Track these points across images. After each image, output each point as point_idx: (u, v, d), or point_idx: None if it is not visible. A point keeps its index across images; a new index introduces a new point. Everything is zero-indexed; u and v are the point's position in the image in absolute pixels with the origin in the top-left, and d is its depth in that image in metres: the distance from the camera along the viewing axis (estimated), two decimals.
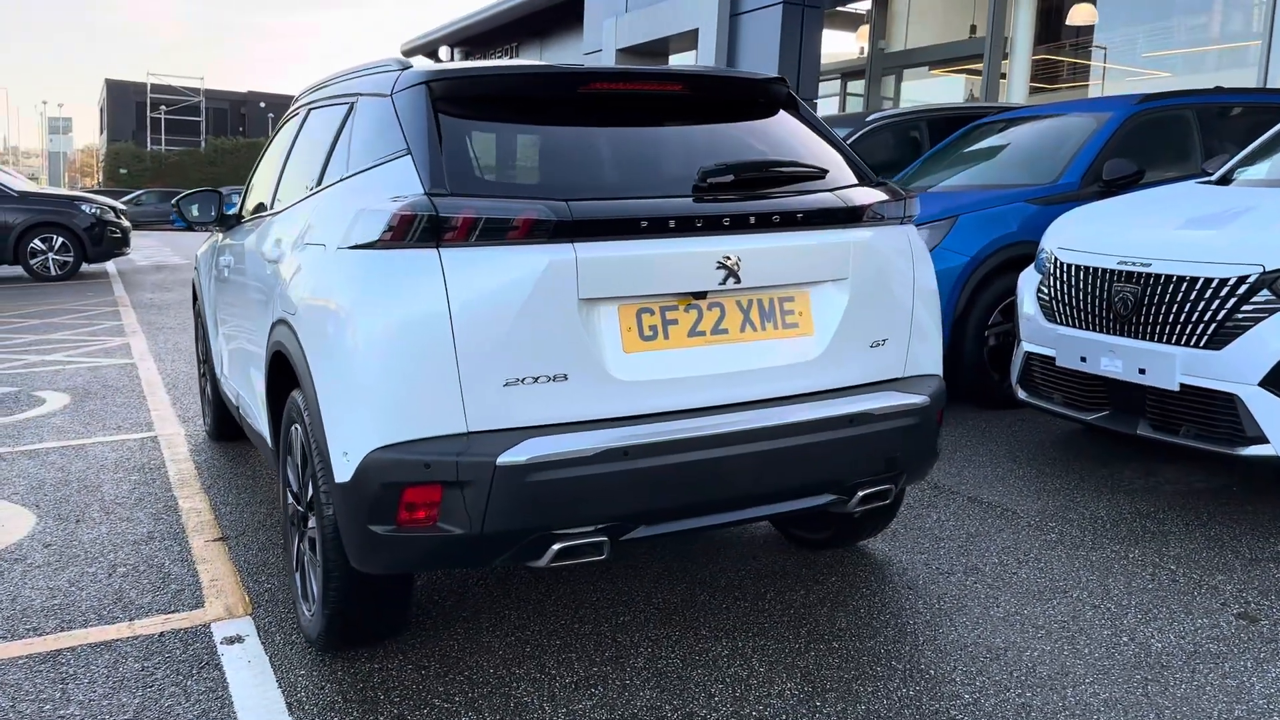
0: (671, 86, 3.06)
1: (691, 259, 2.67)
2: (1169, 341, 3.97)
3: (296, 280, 2.99)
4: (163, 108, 60.84)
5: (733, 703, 2.72)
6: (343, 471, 2.57)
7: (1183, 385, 3.91)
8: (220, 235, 4.86)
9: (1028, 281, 4.85)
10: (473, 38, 23.80)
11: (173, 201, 4.90)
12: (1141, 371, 4.05)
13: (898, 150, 8.67)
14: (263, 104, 64.68)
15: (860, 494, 2.92)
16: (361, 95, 3.24)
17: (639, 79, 3.01)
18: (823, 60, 15.03)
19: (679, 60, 14.86)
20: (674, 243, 2.66)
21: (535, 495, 2.47)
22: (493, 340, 2.49)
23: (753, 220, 2.76)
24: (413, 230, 2.50)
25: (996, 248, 5.73)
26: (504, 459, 2.44)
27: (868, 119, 8.63)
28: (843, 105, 15.42)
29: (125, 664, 2.97)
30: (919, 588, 3.45)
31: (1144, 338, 4.06)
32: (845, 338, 2.91)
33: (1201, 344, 3.87)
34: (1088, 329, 4.33)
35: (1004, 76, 12.25)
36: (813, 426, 2.78)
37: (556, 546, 2.55)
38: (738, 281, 2.72)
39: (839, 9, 14.43)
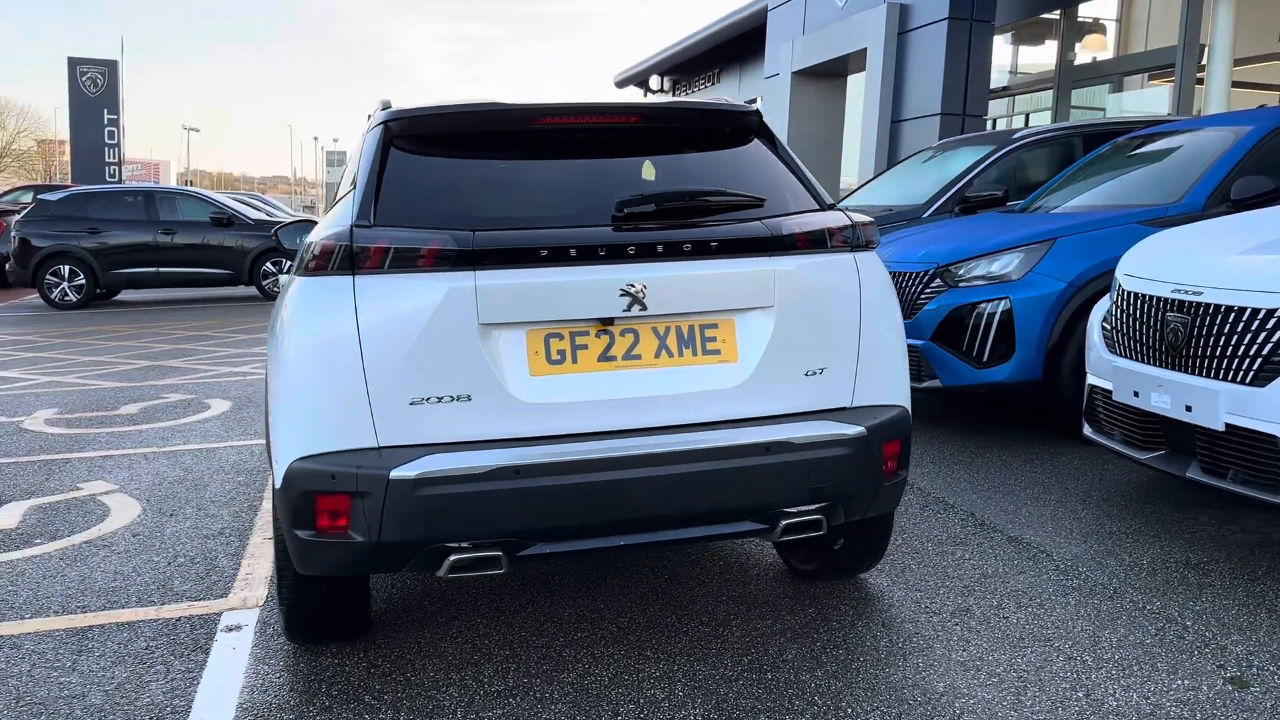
0: (627, 119, 3.15)
1: (594, 287, 2.75)
2: (1216, 377, 3.64)
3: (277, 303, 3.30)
4: None
5: (644, 709, 2.76)
6: (278, 479, 2.83)
7: (1228, 425, 3.57)
8: None
9: (1098, 310, 4.55)
10: (678, 66, 24.33)
11: (272, 231, 5.43)
12: (1188, 409, 3.73)
13: (1049, 168, 8.25)
14: None
15: (783, 523, 2.89)
16: (364, 134, 3.52)
17: (589, 113, 3.12)
18: (1015, 73, 14.41)
19: (855, 81, 14.64)
20: (576, 271, 2.75)
21: (426, 508, 2.63)
22: (398, 361, 2.68)
23: (661, 249, 2.81)
24: (333, 259, 2.73)
25: (1098, 274, 5.37)
26: (396, 473, 2.61)
27: (1014, 136, 8.26)
28: (1027, 119, 14.70)
29: (135, 642, 3.34)
30: (894, 626, 3.35)
31: (1192, 372, 3.74)
32: (773, 366, 2.90)
33: (1247, 380, 3.53)
34: (1142, 361, 4.03)
35: (1200, 84, 11.32)
36: (722, 453, 2.79)
37: (451, 558, 2.70)
38: (644, 309, 2.77)
39: (1024, 21, 13.78)
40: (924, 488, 4.89)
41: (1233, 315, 3.60)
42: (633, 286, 2.76)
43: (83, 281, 15.65)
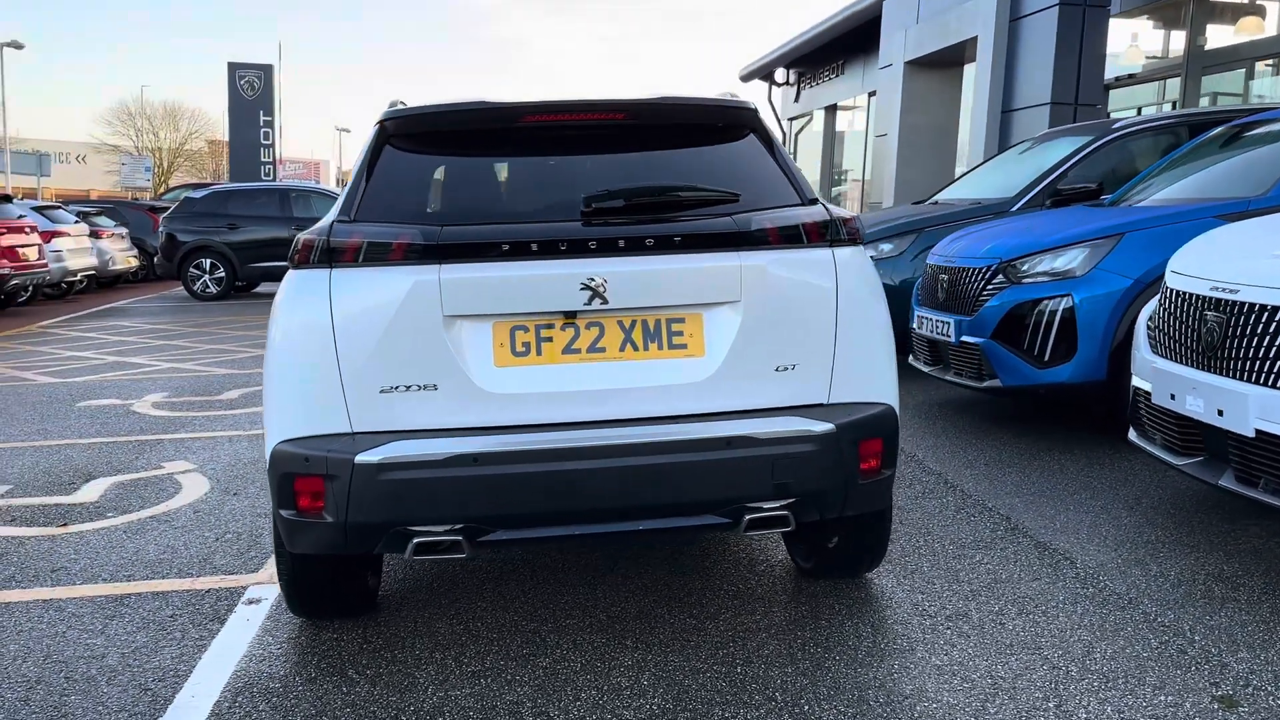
0: (615, 116, 3.19)
1: (555, 281, 2.81)
2: (1247, 379, 3.44)
3: None
4: None
5: (592, 708, 2.82)
6: (266, 461, 2.99)
7: (1257, 431, 3.37)
8: None
9: (1147, 309, 4.34)
10: (802, 59, 24.05)
11: None
12: (1220, 413, 3.53)
13: (1152, 159, 7.84)
14: None
15: (747, 518, 2.89)
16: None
17: (576, 110, 3.17)
18: (1140, 60, 13.72)
19: (971, 70, 14.18)
20: (537, 265, 2.82)
21: (388, 492, 2.75)
22: (369, 350, 2.80)
23: (622, 244, 2.84)
24: (314, 253, 2.88)
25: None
26: (361, 458, 2.74)
27: (1114, 126, 7.90)
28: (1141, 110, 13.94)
29: (163, 611, 3.59)
30: (883, 627, 3.30)
31: (1225, 374, 3.54)
32: (740, 361, 2.90)
33: (1277, 383, 3.32)
34: (1180, 362, 3.83)
35: None
36: (681, 446, 2.81)
37: (415, 541, 2.81)
38: (605, 303, 2.82)
39: (1149, 5, 13.06)
40: (967, 490, 4.76)
41: (1265, 315, 3.39)
42: (593, 281, 2.81)
43: (222, 274, 16.61)
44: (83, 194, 52.96)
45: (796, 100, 26.41)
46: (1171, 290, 3.96)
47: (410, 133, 3.17)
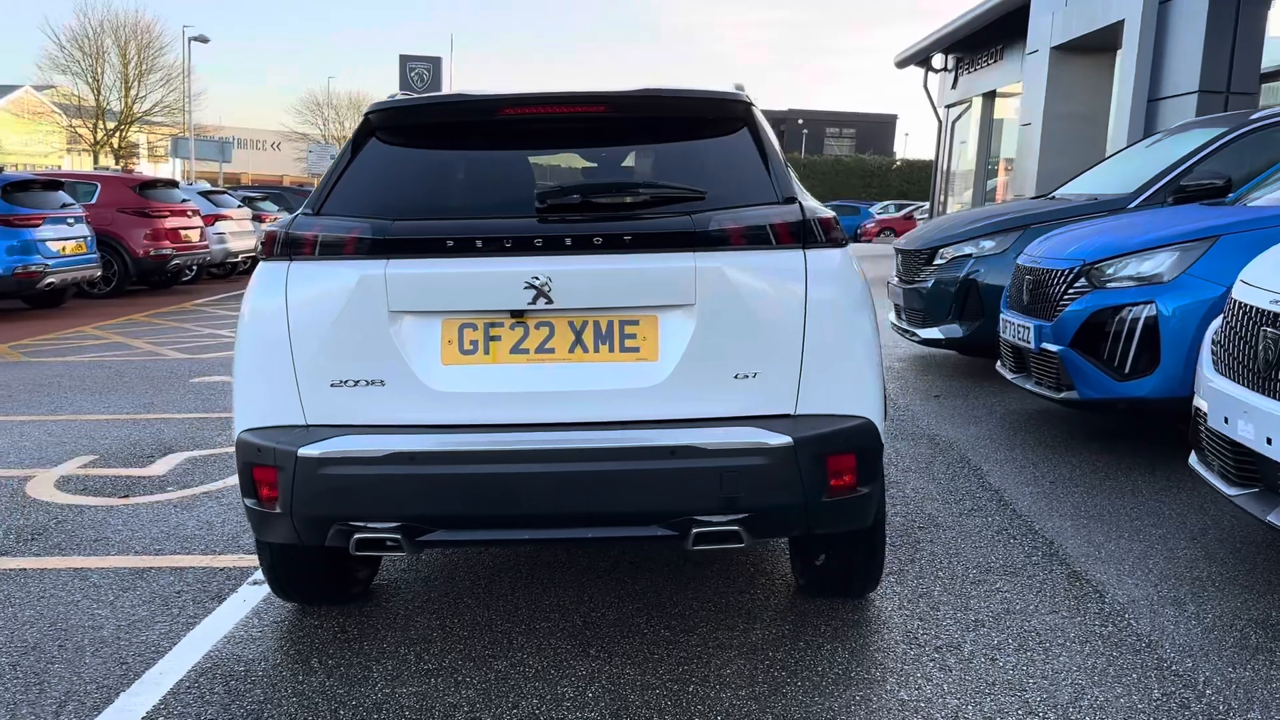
0: (594, 109, 3.09)
1: (499, 279, 2.75)
2: None
3: None
4: None
5: (526, 717, 2.76)
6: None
7: None
8: None
9: (1216, 322, 3.93)
10: (960, 43, 23.06)
11: None
12: (1269, 441, 3.16)
13: None
14: (800, 121, 67.81)
15: (695, 532, 2.76)
16: None
17: (555, 103, 3.08)
18: None
19: (1120, 57, 13.24)
20: (482, 262, 2.76)
21: (328, 487, 2.75)
22: (319, 344, 2.81)
23: (569, 242, 2.75)
24: (276, 246, 2.90)
25: None
26: (302, 451, 2.75)
27: (1252, 117, 7.22)
28: None
29: (173, 586, 3.72)
30: (864, 654, 3.10)
31: (1277, 397, 3.16)
32: (694, 367, 2.77)
33: None
34: (1237, 382, 3.45)
35: None
36: (623, 454, 2.71)
37: (356, 537, 2.80)
38: (549, 302, 2.74)
39: None
40: (1020, 509, 4.45)
41: None
42: (537, 279, 2.73)
43: None
44: (276, 179, 56.38)
45: (954, 87, 25.37)
46: (1235, 302, 3.57)
47: (392, 125, 3.16)
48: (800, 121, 67.98)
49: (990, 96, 23.70)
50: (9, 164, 55.80)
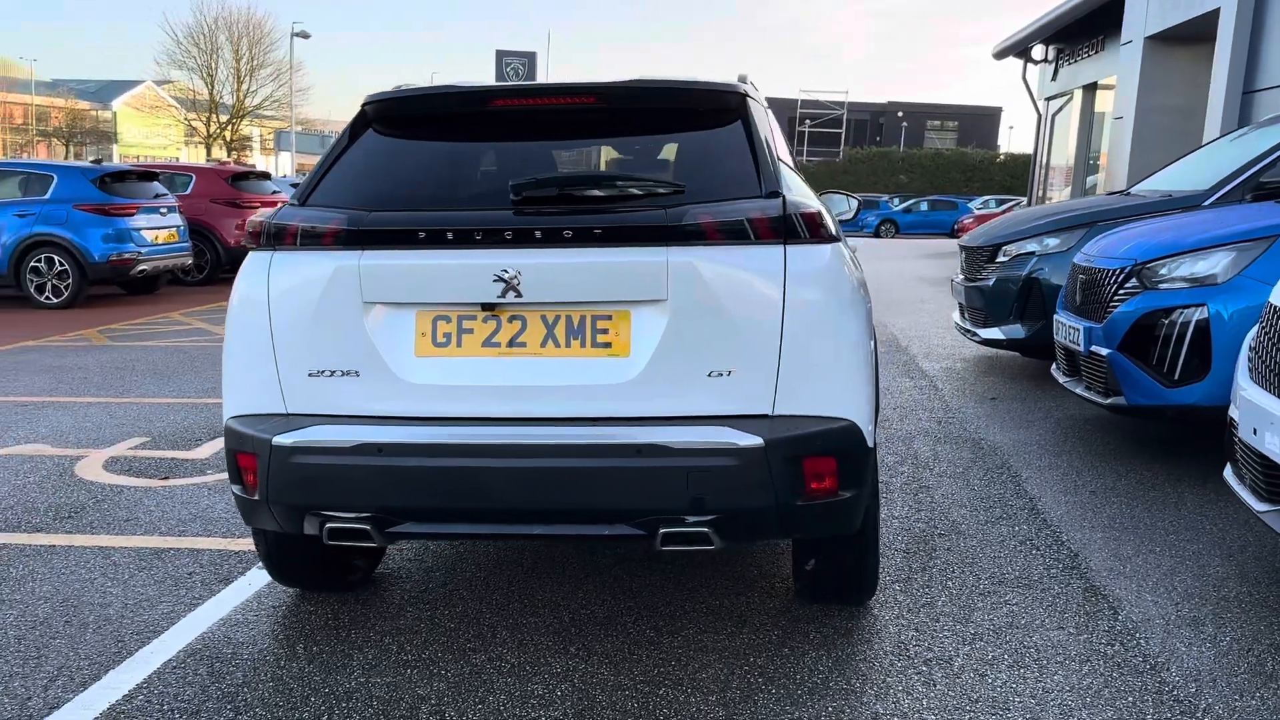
0: (582, 100, 3.05)
1: (469, 271, 2.73)
2: None
3: None
4: (808, 122, 65.73)
5: (490, 713, 2.74)
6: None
7: None
8: None
9: (1255, 330, 3.69)
10: (1060, 33, 22.29)
11: None
12: None
13: None
14: (900, 114, 66.53)
15: (662, 531, 2.70)
16: None
17: (544, 94, 3.05)
18: None
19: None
20: (453, 254, 2.74)
21: (300, 475, 2.78)
22: (298, 334, 2.84)
23: (539, 235, 2.71)
24: (263, 236, 2.94)
25: None
26: (276, 439, 2.78)
27: None
28: None
29: (187, 567, 3.82)
30: (848, 664, 3.00)
31: None
32: (667, 364, 2.71)
33: None
34: (1269, 391, 3.23)
35: None
36: (589, 451, 2.66)
37: (328, 526, 2.82)
38: (519, 296, 2.71)
39: None
40: (1051, 518, 4.26)
41: None
42: (506, 273, 2.70)
43: None
44: None
45: (1054, 79, 24.55)
46: (1272, 308, 3.35)
47: (385, 117, 3.16)
48: (900, 114, 66.68)
49: (1091, 89, 22.88)
50: (129, 156, 58.34)
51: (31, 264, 12.10)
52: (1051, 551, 3.87)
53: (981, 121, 66.94)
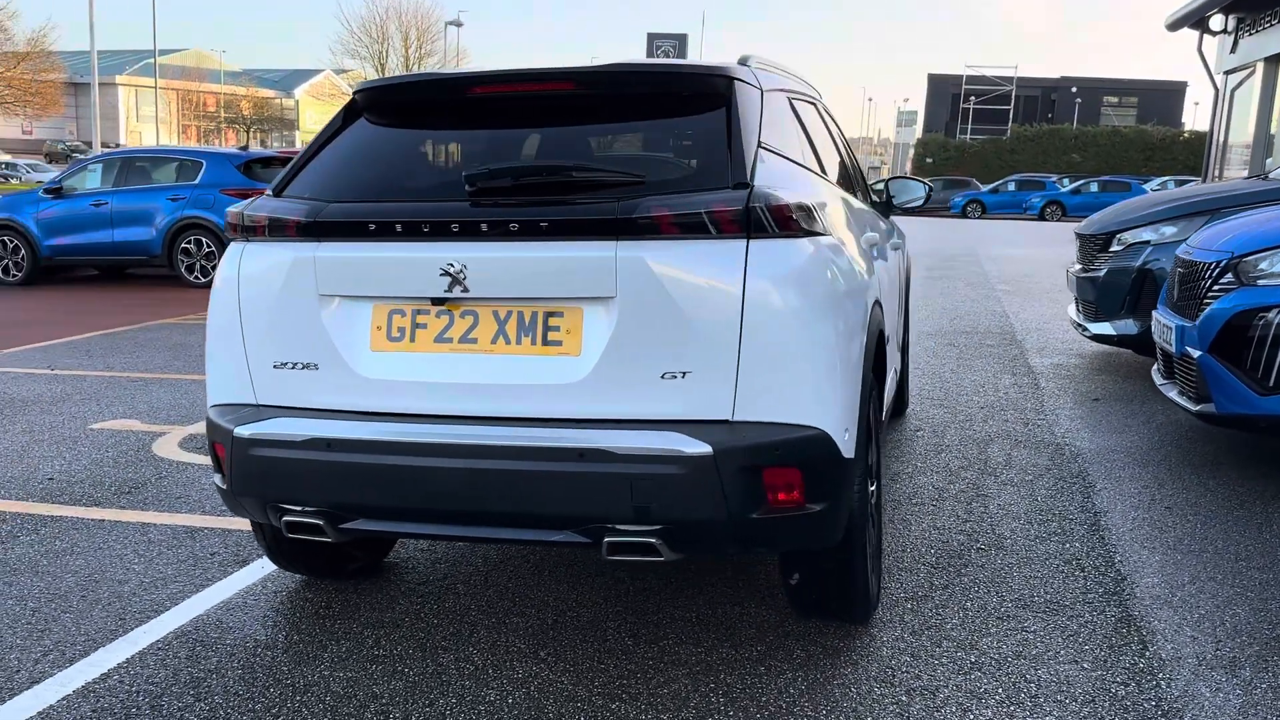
0: (560, 86, 2.94)
1: (416, 264, 2.66)
2: None
3: None
4: (973, 98, 63.13)
5: (436, 718, 2.69)
6: None
7: None
8: None
9: None
10: (1239, 1, 20.63)
11: None
12: None
13: None
14: (1074, 89, 63.04)
15: (607, 540, 2.57)
16: None
17: (524, 80, 2.94)
18: None
19: None
20: (402, 247, 2.68)
21: (257, 467, 2.79)
22: (263, 325, 2.84)
23: (485, 228, 2.61)
24: (238, 226, 2.96)
25: None
26: (238, 430, 2.79)
27: None
28: None
29: (212, 546, 3.92)
30: (822, 689, 2.80)
31: None
32: (617, 364, 2.57)
33: None
34: None
35: None
36: (531, 453, 2.56)
37: (285, 519, 2.82)
38: (465, 290, 2.62)
39: None
40: (1112, 536, 3.90)
41: None
42: (452, 266, 2.62)
43: None
44: None
45: (1233, 51, 22.72)
46: None
47: (370, 106, 3.12)
48: (1074, 90, 63.15)
49: (1274, 61, 21.09)
50: (307, 142, 61.50)
51: (182, 245, 12.83)
52: (1096, 574, 3.54)
53: (1164, 97, 62.69)
